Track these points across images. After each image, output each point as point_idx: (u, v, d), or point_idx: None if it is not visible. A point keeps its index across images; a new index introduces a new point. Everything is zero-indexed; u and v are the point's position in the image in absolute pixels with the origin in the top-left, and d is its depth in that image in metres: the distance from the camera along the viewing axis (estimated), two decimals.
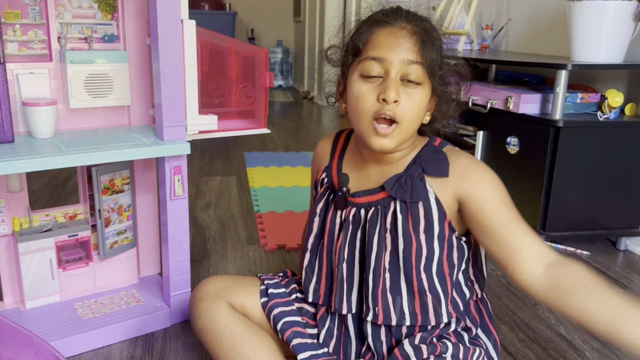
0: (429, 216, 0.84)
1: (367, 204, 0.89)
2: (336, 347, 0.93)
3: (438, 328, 0.88)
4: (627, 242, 1.74)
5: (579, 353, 1.16)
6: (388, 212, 0.86)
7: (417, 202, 0.84)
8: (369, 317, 0.88)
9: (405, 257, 0.84)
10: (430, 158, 0.86)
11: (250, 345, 0.89)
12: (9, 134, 1.00)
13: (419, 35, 0.81)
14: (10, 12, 1.03)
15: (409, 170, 0.86)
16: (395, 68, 0.80)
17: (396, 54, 0.80)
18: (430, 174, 0.84)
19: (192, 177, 2.42)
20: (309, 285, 0.96)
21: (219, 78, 1.20)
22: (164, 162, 1.09)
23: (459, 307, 0.89)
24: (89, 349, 1.10)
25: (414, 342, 0.85)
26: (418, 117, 0.83)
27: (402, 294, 0.86)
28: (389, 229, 0.85)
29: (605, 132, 1.61)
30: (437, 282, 0.85)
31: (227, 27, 5.08)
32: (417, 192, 0.83)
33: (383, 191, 0.87)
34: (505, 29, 2.38)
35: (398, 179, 0.85)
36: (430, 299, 0.86)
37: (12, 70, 1.05)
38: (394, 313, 0.86)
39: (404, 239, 0.84)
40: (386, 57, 0.80)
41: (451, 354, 0.83)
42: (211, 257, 1.58)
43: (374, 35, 0.82)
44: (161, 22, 1.00)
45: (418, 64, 0.80)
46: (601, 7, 1.57)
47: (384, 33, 0.82)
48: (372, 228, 0.87)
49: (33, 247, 1.13)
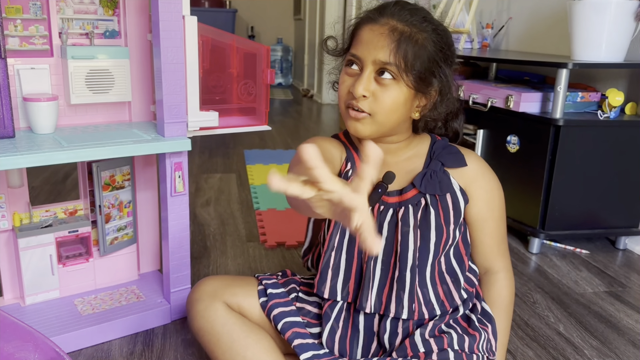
0: (457, 206, 0.89)
1: (397, 203, 0.90)
2: (341, 343, 0.93)
3: (448, 314, 0.90)
4: (627, 241, 1.74)
5: (577, 351, 1.16)
6: (419, 208, 0.88)
7: (445, 194, 0.89)
8: (404, 314, 0.88)
9: (435, 250, 0.88)
10: (444, 152, 0.91)
11: (247, 344, 0.90)
12: (9, 129, 1.00)
13: (399, 33, 0.81)
14: (12, 7, 1.03)
15: (429, 166, 0.90)
16: (369, 67, 0.83)
17: (370, 52, 0.82)
18: (450, 166, 0.90)
19: (192, 174, 2.41)
20: (335, 283, 0.92)
21: (220, 75, 1.20)
22: (165, 159, 1.09)
23: (473, 282, 0.95)
24: (88, 345, 1.10)
25: (424, 335, 0.87)
26: (393, 111, 0.84)
27: (427, 286, 0.89)
28: (419, 224, 0.88)
29: (606, 131, 1.62)
30: (455, 264, 0.91)
31: (227, 24, 5.07)
32: (445, 185, 0.89)
33: (412, 189, 0.89)
34: (505, 27, 2.38)
35: (423, 175, 0.89)
36: (450, 282, 0.90)
37: (13, 66, 1.05)
38: (425, 306, 0.89)
39: (437, 232, 0.87)
40: (361, 56, 0.83)
41: (457, 345, 0.86)
42: (211, 254, 1.58)
43: (359, 31, 0.86)
44: (163, 18, 1.00)
45: (389, 64, 0.81)
46: (602, 6, 1.57)
47: (366, 30, 0.84)
48: (405, 226, 0.88)
49: (33, 242, 1.13)
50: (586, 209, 1.67)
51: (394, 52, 0.81)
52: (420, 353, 0.85)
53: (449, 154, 0.91)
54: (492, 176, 0.94)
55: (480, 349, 0.88)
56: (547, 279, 1.51)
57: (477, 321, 0.91)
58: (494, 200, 0.93)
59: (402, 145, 0.92)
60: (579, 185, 1.64)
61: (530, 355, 1.14)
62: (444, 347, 0.85)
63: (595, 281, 1.50)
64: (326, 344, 0.93)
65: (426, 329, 0.88)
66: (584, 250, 1.70)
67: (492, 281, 0.96)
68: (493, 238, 0.94)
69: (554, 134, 1.59)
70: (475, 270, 0.96)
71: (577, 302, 1.38)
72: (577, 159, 1.61)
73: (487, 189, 0.92)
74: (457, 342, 0.86)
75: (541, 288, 1.45)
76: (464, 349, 0.86)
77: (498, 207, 0.94)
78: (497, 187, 0.94)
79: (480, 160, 0.94)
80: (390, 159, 0.92)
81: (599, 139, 1.61)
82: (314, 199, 0.51)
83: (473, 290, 0.95)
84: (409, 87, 0.83)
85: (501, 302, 0.96)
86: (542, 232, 1.65)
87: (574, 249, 1.71)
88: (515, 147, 1.73)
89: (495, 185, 0.94)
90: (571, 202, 1.65)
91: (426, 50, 0.83)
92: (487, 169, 0.94)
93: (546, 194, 1.63)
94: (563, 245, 1.73)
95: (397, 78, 0.82)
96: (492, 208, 0.93)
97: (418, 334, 0.87)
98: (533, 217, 1.66)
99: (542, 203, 1.64)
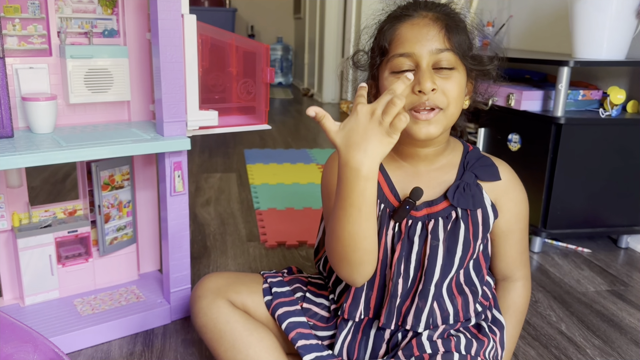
0: (487, 222, 0.88)
1: (426, 216, 0.87)
2: (350, 348, 0.92)
3: (459, 322, 0.89)
4: (628, 239, 1.73)
5: (579, 350, 1.16)
6: (449, 221, 0.86)
7: (477, 209, 0.87)
8: (420, 328, 0.86)
9: (460, 264, 0.86)
10: (478, 164, 0.89)
11: (250, 342, 0.89)
12: (8, 129, 0.99)
13: (442, 20, 0.81)
14: (10, 7, 1.02)
15: (462, 178, 0.88)
16: (425, 59, 0.79)
17: (423, 45, 0.79)
18: (484, 180, 0.88)
19: (192, 174, 2.41)
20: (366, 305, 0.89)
21: (220, 73, 1.19)
22: (164, 158, 1.09)
23: (487, 295, 0.93)
24: (88, 345, 1.10)
25: (432, 337, 0.86)
26: (460, 98, 0.83)
27: (445, 298, 0.87)
28: (448, 238, 0.86)
29: (607, 130, 1.61)
30: (474, 275, 0.89)
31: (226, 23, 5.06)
32: (477, 200, 0.87)
33: (444, 201, 0.87)
34: (506, 26, 2.37)
35: (456, 188, 0.86)
36: (469, 292, 0.89)
37: (11, 65, 1.04)
38: (440, 317, 0.88)
39: (464, 247, 0.86)
40: (414, 51, 0.80)
41: (464, 349, 0.85)
42: (211, 253, 1.58)
43: (397, 31, 0.82)
44: (161, 16, 1.00)
45: (447, 50, 0.80)
46: (603, 3, 1.57)
47: (407, 26, 0.81)
48: (435, 239, 0.85)
49: (32, 242, 1.13)
50: (588, 208, 1.67)
51: (447, 37, 0.79)
52: (425, 355, 0.83)
53: (484, 166, 0.89)
54: (521, 188, 0.93)
55: (487, 355, 0.87)
56: (549, 277, 1.50)
57: (487, 328, 0.90)
58: (521, 212, 0.92)
59: (439, 151, 0.88)
60: (581, 183, 1.63)
61: (532, 355, 1.13)
62: (450, 349, 0.84)
63: (597, 280, 1.50)
64: (336, 350, 0.92)
65: (435, 332, 0.87)
66: (586, 248, 1.70)
67: (510, 288, 0.96)
68: (516, 248, 0.93)
69: (556, 132, 1.58)
70: (490, 283, 0.95)
71: (579, 301, 1.37)
72: (578, 158, 1.60)
73: (517, 202, 0.91)
74: (465, 346, 0.85)
75: (543, 287, 1.44)
76: (471, 352, 0.85)
77: (524, 218, 0.93)
78: (524, 198, 0.93)
79: (511, 172, 0.92)
80: (424, 167, 0.89)
81: (601, 137, 1.61)
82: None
83: (487, 303, 0.93)
84: (466, 71, 0.83)
85: (515, 310, 0.95)
86: (543, 230, 1.65)
87: (576, 247, 1.70)
88: (516, 145, 1.73)
89: (523, 197, 0.92)
90: (573, 200, 1.64)
91: (468, 34, 0.83)
92: (517, 181, 0.92)
93: (548, 192, 1.63)
94: (565, 243, 1.73)
95: (454, 66, 0.81)
96: (519, 220, 0.92)
97: (426, 335, 0.86)
98: (535, 216, 1.65)
99: (544, 201, 1.63)
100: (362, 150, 0.70)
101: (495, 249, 0.93)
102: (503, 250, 0.93)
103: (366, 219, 0.75)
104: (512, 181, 0.91)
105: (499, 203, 0.89)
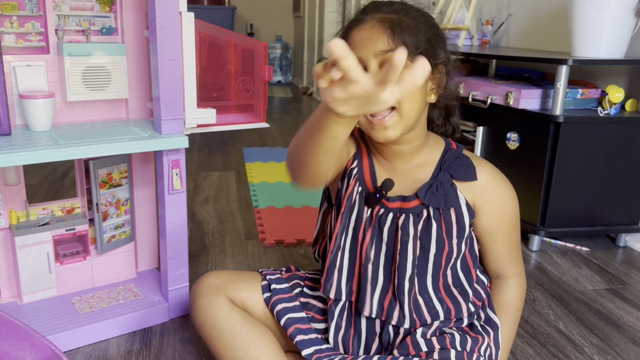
0: (461, 221, 0.87)
1: (398, 209, 0.88)
2: (344, 341, 0.93)
3: (452, 321, 0.90)
4: (627, 238, 1.73)
5: (577, 349, 1.16)
6: (420, 219, 0.86)
7: (449, 208, 0.86)
8: (406, 324, 0.87)
9: (435, 261, 0.87)
10: (455, 163, 0.88)
11: (249, 339, 0.89)
12: (5, 127, 0.99)
13: (388, 21, 0.81)
14: (7, 4, 1.02)
15: (437, 177, 0.88)
16: (372, 62, 0.80)
17: (367, 48, 0.80)
18: (459, 179, 0.88)
19: (191, 172, 2.41)
20: (340, 283, 0.91)
21: (218, 71, 1.19)
22: (162, 156, 1.09)
23: (480, 295, 0.93)
24: (86, 344, 1.10)
25: (427, 334, 0.87)
26: (414, 96, 0.82)
27: (429, 294, 0.88)
28: (420, 235, 0.86)
29: (606, 128, 1.61)
30: (462, 276, 0.90)
31: (226, 22, 5.06)
32: (450, 199, 0.86)
33: (416, 199, 0.87)
34: (505, 24, 2.37)
35: (429, 187, 0.86)
36: (457, 293, 0.89)
37: (9, 63, 1.04)
38: (427, 314, 0.88)
39: (437, 245, 0.86)
40: (360, 55, 0.81)
41: (459, 345, 0.85)
42: (209, 252, 1.58)
43: (349, 37, 0.84)
44: (159, 14, 0.99)
45: (392, 50, 0.79)
46: (602, 2, 1.57)
47: (356, 31, 0.83)
48: (405, 235, 0.86)
49: (30, 240, 1.13)
50: (586, 206, 1.67)
51: (391, 37, 0.80)
52: (422, 352, 0.84)
53: (460, 165, 0.88)
54: (504, 188, 0.91)
55: (482, 352, 0.87)
56: (547, 276, 1.50)
57: (479, 327, 0.91)
58: (505, 212, 0.91)
59: (414, 148, 0.89)
60: (579, 182, 1.63)
61: (530, 353, 1.13)
62: (446, 345, 0.84)
63: (595, 278, 1.50)
64: (331, 340, 0.93)
65: (429, 329, 0.87)
66: (584, 247, 1.70)
67: (503, 286, 0.96)
68: (504, 247, 0.93)
69: (554, 130, 1.58)
70: (484, 282, 0.94)
71: (577, 300, 1.37)
72: (577, 156, 1.60)
73: (498, 202, 0.90)
74: (460, 342, 0.85)
75: (541, 285, 1.44)
76: (466, 348, 0.85)
77: (510, 217, 0.92)
78: (509, 198, 0.91)
79: (493, 172, 0.90)
80: (400, 164, 0.90)
81: (599, 135, 1.61)
82: (338, 94, 0.56)
83: (480, 304, 0.93)
84: None
85: (510, 307, 0.95)
86: (542, 229, 1.65)
87: (574, 246, 1.70)
88: (515, 144, 1.73)
89: (507, 197, 0.91)
90: (571, 199, 1.64)
91: (420, 30, 0.82)
92: (499, 181, 0.91)
93: (546, 191, 1.63)
94: (563, 242, 1.73)
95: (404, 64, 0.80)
96: (503, 220, 0.91)
97: (420, 333, 0.87)
98: (533, 215, 1.65)
99: (542, 200, 1.63)
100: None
101: (483, 248, 0.94)
102: (491, 249, 0.93)
103: (326, 151, 0.72)
104: (493, 182, 0.89)
105: (477, 203, 0.89)
